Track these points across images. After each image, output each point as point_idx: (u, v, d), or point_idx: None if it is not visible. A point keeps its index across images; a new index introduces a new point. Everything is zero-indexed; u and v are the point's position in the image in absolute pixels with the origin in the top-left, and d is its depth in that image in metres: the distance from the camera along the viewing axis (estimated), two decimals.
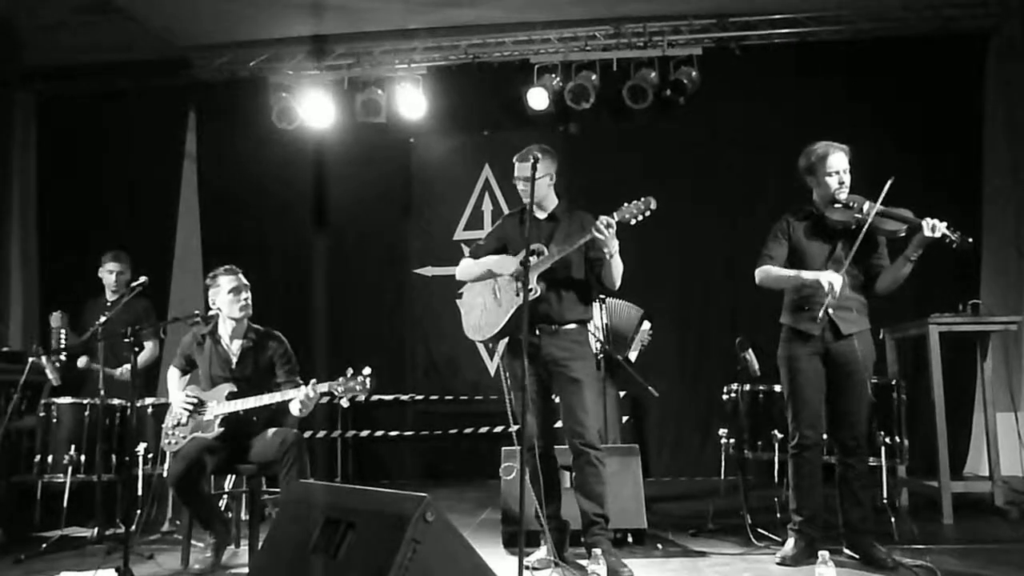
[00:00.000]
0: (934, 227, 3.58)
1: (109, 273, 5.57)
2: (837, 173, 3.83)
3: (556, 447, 3.97)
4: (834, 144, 3.89)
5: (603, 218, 3.60)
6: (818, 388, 3.87)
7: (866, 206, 3.73)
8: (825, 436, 3.97)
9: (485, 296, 3.94)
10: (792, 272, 3.87)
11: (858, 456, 3.86)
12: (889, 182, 3.67)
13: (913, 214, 3.72)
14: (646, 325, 5.53)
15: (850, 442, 3.84)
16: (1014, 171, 6.61)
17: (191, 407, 4.14)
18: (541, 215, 3.94)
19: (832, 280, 3.67)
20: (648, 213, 3.64)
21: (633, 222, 3.64)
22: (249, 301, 4.27)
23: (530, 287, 3.61)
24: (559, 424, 3.91)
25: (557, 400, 3.91)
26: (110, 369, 5.22)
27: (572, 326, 3.84)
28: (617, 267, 3.75)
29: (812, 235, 3.92)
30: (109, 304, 5.44)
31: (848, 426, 3.84)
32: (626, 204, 3.65)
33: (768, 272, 3.94)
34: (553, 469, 3.95)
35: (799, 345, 3.89)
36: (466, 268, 4.07)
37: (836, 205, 3.83)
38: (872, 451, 4.54)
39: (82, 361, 5.46)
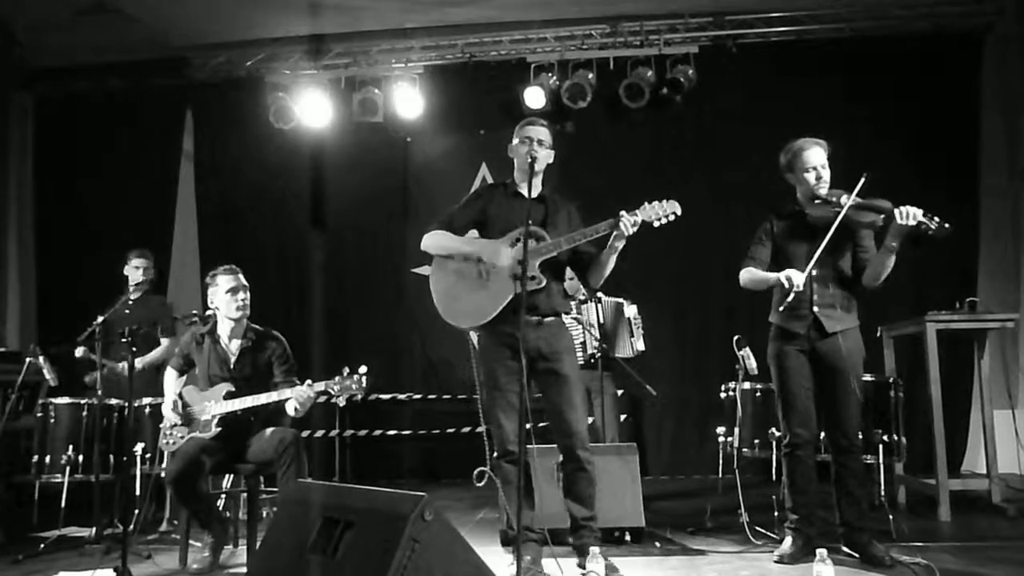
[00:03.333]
0: (907, 214, 3.52)
1: (136, 269, 5.46)
2: (815, 168, 3.81)
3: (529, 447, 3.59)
4: (811, 139, 3.87)
5: (629, 217, 3.44)
6: (806, 386, 3.86)
7: (843, 199, 3.71)
8: (822, 435, 3.98)
9: (466, 276, 3.58)
10: (763, 274, 3.89)
11: (851, 455, 3.85)
12: (863, 177, 3.63)
13: (892, 204, 3.63)
14: (632, 311, 5.49)
15: (842, 441, 3.83)
16: (1011, 169, 6.63)
17: (179, 421, 4.14)
18: (528, 193, 3.52)
19: (791, 275, 3.67)
20: (672, 218, 3.49)
21: (656, 224, 3.47)
22: (247, 302, 4.26)
23: (533, 275, 3.49)
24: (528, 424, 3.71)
25: (537, 396, 3.70)
26: (111, 362, 5.14)
27: (553, 318, 3.70)
28: (611, 266, 3.63)
29: (793, 233, 3.91)
30: (131, 302, 5.40)
31: (838, 425, 3.84)
32: (647, 204, 3.48)
33: (749, 274, 3.95)
34: (528, 475, 3.55)
35: (786, 343, 3.89)
36: (440, 242, 3.65)
37: (816, 201, 3.81)
38: (869, 449, 4.56)
39: (79, 351, 5.22)
